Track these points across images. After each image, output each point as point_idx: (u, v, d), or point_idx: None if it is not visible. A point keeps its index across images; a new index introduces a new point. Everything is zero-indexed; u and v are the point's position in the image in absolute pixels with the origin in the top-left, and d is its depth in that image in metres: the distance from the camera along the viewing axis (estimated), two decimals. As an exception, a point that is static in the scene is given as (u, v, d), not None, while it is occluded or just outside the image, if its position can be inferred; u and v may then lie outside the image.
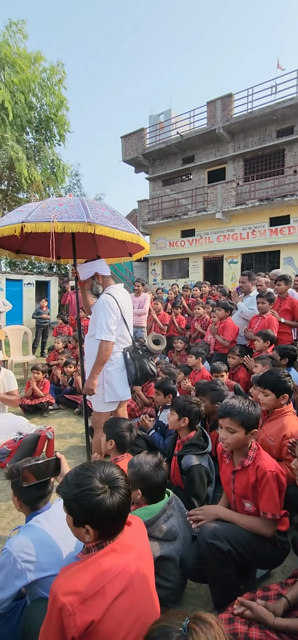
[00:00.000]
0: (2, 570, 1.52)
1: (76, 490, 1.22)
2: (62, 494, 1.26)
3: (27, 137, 15.52)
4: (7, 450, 3.48)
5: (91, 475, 1.24)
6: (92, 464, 1.31)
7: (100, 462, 1.32)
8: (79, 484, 1.23)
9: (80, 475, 1.25)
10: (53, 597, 1.12)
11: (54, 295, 16.99)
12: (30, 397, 5.02)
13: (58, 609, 1.10)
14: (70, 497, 1.23)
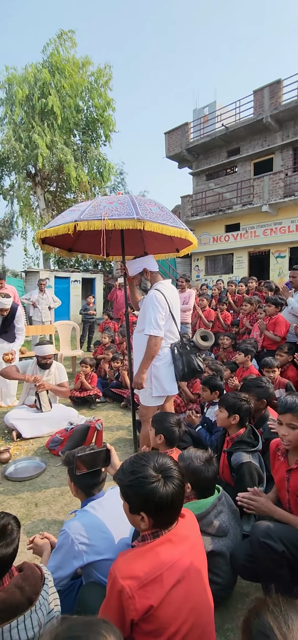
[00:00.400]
0: (60, 550, 1.62)
1: (131, 477, 1.27)
2: (119, 480, 1.32)
3: (75, 139, 16.15)
4: (60, 439, 3.66)
5: (145, 464, 1.28)
6: (146, 453, 1.35)
7: (154, 452, 1.36)
8: (134, 471, 1.28)
9: (135, 464, 1.30)
10: (112, 580, 1.17)
11: (99, 292, 17.44)
12: (79, 389, 5.22)
13: (117, 592, 1.14)
14: (126, 483, 1.29)
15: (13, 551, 1.28)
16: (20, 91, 13.79)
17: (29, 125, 14.30)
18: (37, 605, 1.28)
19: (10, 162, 14.76)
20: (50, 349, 4.35)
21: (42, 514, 2.70)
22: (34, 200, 16.43)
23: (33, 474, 3.26)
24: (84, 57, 15.32)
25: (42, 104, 14.00)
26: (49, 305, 8.58)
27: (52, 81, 14.34)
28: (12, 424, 4.05)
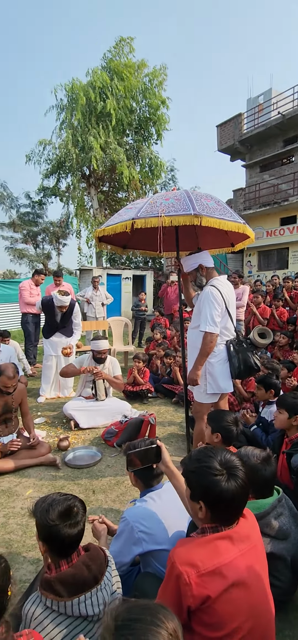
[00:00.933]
0: (121, 536, 1.69)
1: (196, 464, 1.31)
2: (184, 464, 1.36)
3: (127, 139, 16.52)
4: (114, 430, 3.79)
5: (212, 456, 1.31)
6: (216, 448, 1.37)
7: (223, 449, 1.36)
8: (199, 459, 1.31)
9: (202, 453, 1.34)
10: (171, 564, 1.20)
11: (150, 289, 17.63)
12: (132, 384, 5.34)
13: (176, 576, 1.16)
14: (190, 468, 1.32)
15: (79, 531, 1.36)
16: (82, 97, 14.44)
17: (86, 129, 14.89)
18: (102, 585, 1.35)
19: (67, 165, 15.49)
20: (105, 344, 4.50)
21: (99, 501, 2.82)
22: (87, 200, 17.06)
23: (90, 462, 3.42)
24: (139, 60, 15.73)
25: (100, 106, 14.55)
26: (102, 301, 8.87)
27: (109, 85, 14.88)
28: (70, 414, 4.27)
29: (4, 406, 3.36)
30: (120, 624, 0.82)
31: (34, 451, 3.38)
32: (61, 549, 1.34)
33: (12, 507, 2.73)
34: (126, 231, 2.76)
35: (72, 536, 1.33)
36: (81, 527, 1.36)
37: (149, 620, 0.80)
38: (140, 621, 0.81)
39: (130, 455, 1.78)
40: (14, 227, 19.33)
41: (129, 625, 0.81)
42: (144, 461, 1.80)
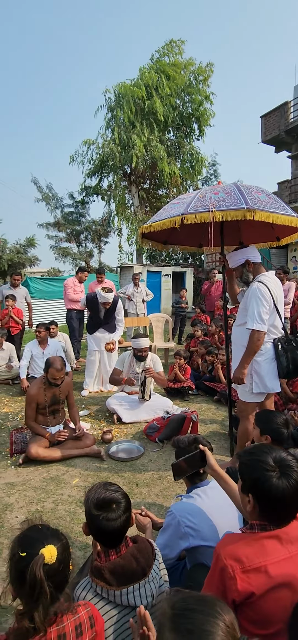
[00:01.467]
0: (167, 530, 1.70)
1: (249, 456, 1.31)
2: (238, 456, 1.37)
3: (169, 136, 16.55)
4: (157, 426, 3.82)
5: (267, 452, 1.29)
6: (272, 446, 1.35)
7: (279, 447, 1.33)
8: (253, 452, 1.31)
9: (257, 447, 1.34)
10: (217, 557, 1.20)
11: (190, 285, 17.50)
12: (173, 380, 5.35)
13: (220, 569, 1.17)
14: (243, 460, 1.33)
15: (121, 524, 1.38)
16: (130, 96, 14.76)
17: (130, 127, 15.12)
18: (150, 577, 1.37)
19: (109, 164, 15.81)
20: (146, 342, 4.52)
21: (143, 495, 2.86)
22: (128, 198, 17.27)
23: (133, 456, 3.47)
24: (187, 59, 15.79)
25: (148, 105, 14.79)
26: (142, 298, 8.96)
27: (157, 84, 15.13)
28: (113, 408, 4.37)
29: (52, 398, 3.52)
30: (178, 612, 0.83)
31: (79, 442, 3.50)
32: (105, 540, 1.38)
33: (61, 494, 2.86)
34: (175, 227, 2.73)
35: (114, 528, 1.36)
36: (123, 520, 1.38)
37: (207, 611, 0.81)
38: (197, 611, 0.82)
39: (175, 464, 1.76)
40: (59, 226, 20.05)
41: (186, 615, 0.82)
42: (190, 468, 1.78)
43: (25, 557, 1.06)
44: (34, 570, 1.02)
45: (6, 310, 6.51)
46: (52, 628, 1.08)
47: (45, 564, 1.05)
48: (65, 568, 1.13)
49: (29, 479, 3.07)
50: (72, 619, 1.12)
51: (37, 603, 1.03)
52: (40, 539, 1.11)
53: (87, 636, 1.13)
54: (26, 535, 1.14)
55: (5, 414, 4.61)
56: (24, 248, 13.13)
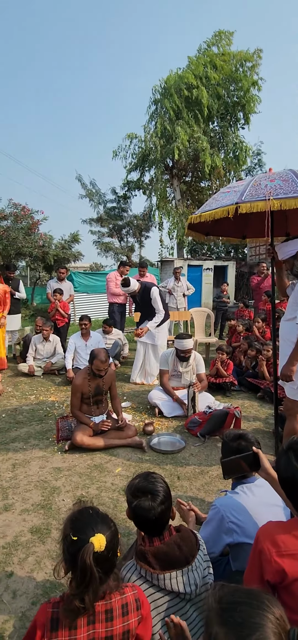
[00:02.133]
0: (210, 523, 1.69)
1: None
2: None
3: (213, 126, 16.23)
4: (198, 420, 3.79)
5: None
6: None
7: None
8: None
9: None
10: (256, 539, 1.28)
11: (231, 279, 17.10)
12: (214, 375, 5.27)
13: (258, 551, 1.24)
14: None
15: (162, 514, 1.39)
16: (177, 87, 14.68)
17: (174, 118, 15.04)
18: (194, 566, 1.37)
19: (151, 158, 15.84)
20: (190, 344, 4.40)
21: (184, 488, 2.86)
22: (170, 192, 17.19)
23: (175, 449, 3.48)
24: (236, 51, 15.43)
25: (195, 93, 14.62)
26: (183, 292, 8.91)
27: (204, 75, 14.94)
28: (154, 402, 4.40)
29: (95, 388, 3.62)
30: (226, 606, 0.83)
31: (122, 432, 3.57)
32: (143, 527, 1.40)
33: (104, 481, 2.94)
34: (224, 217, 2.65)
35: (148, 518, 1.37)
36: (159, 511, 1.38)
37: (255, 604, 0.80)
38: (246, 604, 0.81)
39: (226, 462, 1.73)
40: (101, 222, 20.50)
41: (235, 608, 0.82)
42: (241, 469, 1.73)
43: (76, 542, 1.12)
44: (84, 558, 1.08)
45: (53, 303, 6.80)
46: (100, 602, 1.14)
47: (95, 552, 1.10)
48: (113, 555, 1.18)
49: (74, 465, 3.19)
50: (119, 598, 1.18)
51: (87, 588, 1.08)
52: (91, 525, 1.16)
53: (133, 617, 1.17)
54: (78, 520, 1.19)
55: (51, 403, 4.83)
56: (68, 244, 13.54)
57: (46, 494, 2.76)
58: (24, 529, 2.36)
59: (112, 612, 1.15)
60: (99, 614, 1.14)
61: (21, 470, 3.10)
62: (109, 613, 1.14)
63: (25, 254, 11.63)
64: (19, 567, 2.04)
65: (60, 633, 1.10)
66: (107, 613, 1.14)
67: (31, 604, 1.80)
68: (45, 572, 2.01)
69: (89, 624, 1.12)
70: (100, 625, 1.13)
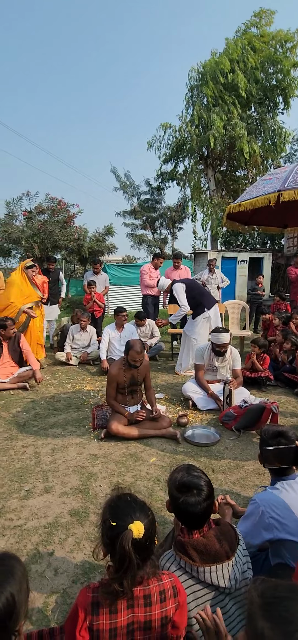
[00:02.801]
0: (250, 518, 1.67)
1: None
2: None
3: (250, 112, 15.71)
4: (233, 414, 3.74)
5: None
6: None
7: None
8: None
9: None
10: None
11: (267, 271, 16.57)
12: (250, 369, 5.16)
13: None
14: None
15: (206, 509, 1.39)
16: (214, 72, 14.37)
17: (211, 105, 14.72)
18: (233, 561, 1.36)
19: (185, 148, 15.63)
20: (226, 338, 4.27)
21: (219, 481, 2.84)
22: (204, 182, 16.91)
23: (209, 441, 3.46)
24: (276, 31, 14.85)
25: (231, 78, 14.26)
26: (217, 284, 8.77)
27: (241, 59, 14.55)
28: (188, 395, 4.39)
29: (130, 379, 3.67)
30: (269, 600, 0.82)
31: (156, 423, 3.61)
32: (186, 521, 1.40)
33: (139, 470, 3.00)
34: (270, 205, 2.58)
35: (194, 513, 1.37)
36: (204, 506, 1.38)
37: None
38: (290, 599, 0.81)
39: (269, 452, 1.71)
40: (135, 214, 20.59)
41: (278, 603, 0.81)
42: (283, 460, 1.71)
43: (115, 527, 1.16)
44: (124, 544, 1.11)
45: (89, 295, 7.01)
46: (139, 587, 1.17)
47: (134, 539, 1.12)
48: (151, 543, 1.20)
49: (110, 453, 3.27)
50: (156, 584, 1.20)
51: (126, 573, 1.12)
52: (129, 512, 1.19)
53: (170, 604, 1.19)
54: (117, 506, 1.23)
55: (87, 392, 4.97)
56: (102, 236, 13.75)
57: (84, 479, 2.86)
58: (63, 511, 2.47)
59: (150, 598, 1.17)
60: (138, 598, 1.17)
61: (60, 455, 3.23)
62: (148, 598, 1.17)
63: (61, 247, 11.94)
64: (60, 547, 2.14)
65: (101, 617, 1.14)
66: (145, 598, 1.17)
67: (72, 582, 1.89)
68: (84, 553, 2.10)
69: (129, 608, 1.16)
70: (139, 610, 1.16)
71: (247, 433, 3.65)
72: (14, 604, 0.92)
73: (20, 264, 6.01)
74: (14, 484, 2.78)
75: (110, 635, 1.14)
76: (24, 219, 11.69)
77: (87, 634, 1.14)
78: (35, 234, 11.17)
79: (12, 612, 0.91)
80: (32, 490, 2.70)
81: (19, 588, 0.95)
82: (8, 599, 0.91)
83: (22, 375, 5.08)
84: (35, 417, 4.07)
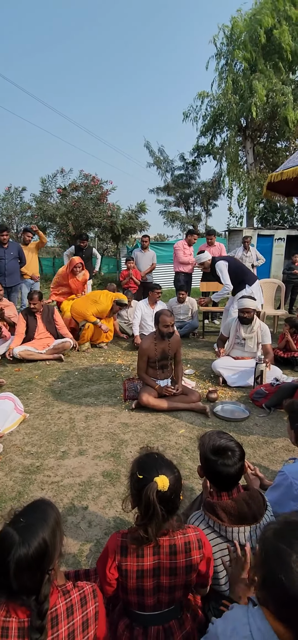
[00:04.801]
0: (278, 489, 1.70)
1: None
2: None
3: (294, 76, 14.51)
4: (264, 392, 3.72)
5: None
6: None
7: None
8: None
9: None
10: None
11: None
12: (283, 349, 5.06)
13: None
14: None
15: (235, 472, 1.44)
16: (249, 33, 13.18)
17: (249, 72, 13.76)
18: (262, 524, 1.41)
19: (224, 119, 14.95)
20: (250, 303, 4.30)
21: (247, 455, 2.85)
22: (242, 155, 16.24)
23: (238, 417, 3.48)
24: None
25: (274, 38, 12.89)
26: (252, 262, 8.55)
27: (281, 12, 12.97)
28: (218, 371, 4.41)
29: (161, 353, 3.74)
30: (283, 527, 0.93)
31: (186, 397, 3.67)
32: (221, 483, 1.45)
33: (168, 440, 3.09)
34: None
35: (228, 475, 1.42)
36: (237, 468, 1.44)
37: None
38: None
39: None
40: (168, 190, 20.29)
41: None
42: None
43: (142, 480, 1.24)
44: (148, 494, 1.19)
45: (127, 271, 7.15)
46: (165, 538, 1.26)
47: (158, 490, 1.20)
48: (176, 497, 1.27)
49: (140, 422, 3.39)
50: (181, 536, 1.28)
51: (150, 520, 1.20)
52: (155, 467, 1.26)
53: (195, 554, 1.27)
54: (144, 461, 1.31)
55: (119, 365, 5.12)
56: (135, 214, 13.72)
57: (115, 444, 3.00)
58: (96, 472, 2.62)
59: (175, 548, 1.25)
60: (164, 547, 1.25)
61: (93, 422, 3.39)
62: (173, 548, 1.25)
63: (95, 224, 12.07)
64: (93, 503, 2.29)
65: (129, 559, 1.24)
66: (170, 547, 1.25)
67: (104, 534, 2.03)
68: (115, 510, 2.23)
69: (154, 554, 1.25)
70: (164, 557, 1.25)
71: (277, 411, 3.62)
72: (46, 548, 1.01)
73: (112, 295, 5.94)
74: (51, 445, 2.98)
75: (138, 575, 1.24)
76: (59, 196, 11.90)
77: (116, 572, 1.25)
78: (69, 211, 11.36)
79: (44, 554, 1.01)
80: (67, 451, 2.88)
81: (51, 532, 1.04)
82: (40, 543, 1.00)
83: (57, 347, 5.31)
84: (69, 387, 4.27)
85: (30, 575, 0.98)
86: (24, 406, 3.61)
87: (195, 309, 6.71)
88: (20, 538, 0.98)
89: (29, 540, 0.98)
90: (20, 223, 14.15)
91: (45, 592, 1.00)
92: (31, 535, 1.00)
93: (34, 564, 0.98)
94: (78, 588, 1.11)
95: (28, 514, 1.06)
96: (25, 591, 0.99)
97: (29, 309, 5.29)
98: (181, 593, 1.30)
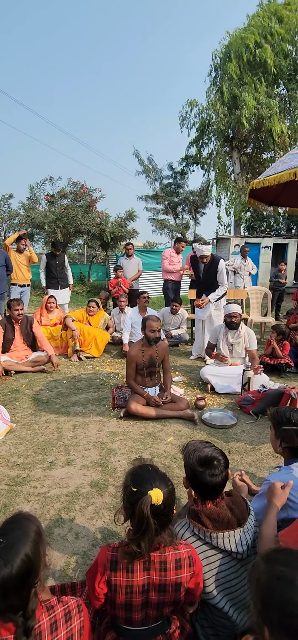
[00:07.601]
0: (263, 496, 1.70)
1: None
2: None
3: (278, 90, 14.98)
4: (251, 398, 3.76)
5: None
6: None
7: None
8: None
9: None
10: None
11: (292, 258, 16.14)
12: (269, 355, 5.13)
13: None
14: None
15: (220, 482, 1.44)
16: (238, 49, 13.77)
17: (238, 83, 14.19)
18: (245, 529, 1.42)
19: (211, 129, 15.22)
20: (235, 307, 4.44)
21: (235, 462, 2.89)
22: (229, 165, 16.52)
23: (226, 424, 3.50)
24: None
25: (258, 54, 13.61)
26: (249, 271, 8.71)
27: (267, 30, 13.78)
28: (206, 378, 4.43)
29: (149, 360, 3.74)
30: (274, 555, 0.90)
31: (174, 404, 3.68)
32: (206, 492, 1.46)
33: (157, 448, 3.08)
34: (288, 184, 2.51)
35: (217, 483, 1.43)
36: (224, 475, 1.45)
37: None
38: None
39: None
40: (157, 198, 20.45)
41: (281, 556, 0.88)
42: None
43: (135, 492, 1.23)
44: (142, 508, 1.18)
45: (115, 280, 7.12)
46: (156, 553, 1.24)
47: (152, 504, 1.19)
48: (169, 511, 1.27)
49: (129, 431, 3.38)
50: (173, 552, 1.27)
51: (143, 535, 1.19)
52: (149, 480, 1.26)
53: (185, 572, 1.26)
54: (138, 473, 1.30)
55: (107, 373, 5.09)
56: (124, 221, 13.77)
57: (103, 453, 2.97)
58: (84, 482, 2.60)
59: (166, 564, 1.24)
60: (154, 563, 1.24)
61: (81, 431, 3.36)
62: (163, 564, 1.24)
63: (84, 231, 12.07)
64: (80, 514, 2.26)
65: (118, 573, 1.23)
66: (161, 564, 1.24)
67: (91, 546, 2.01)
68: (103, 520, 2.21)
69: (145, 570, 1.23)
70: (155, 573, 1.23)
71: (264, 417, 3.66)
72: (29, 563, 0.99)
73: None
74: (38, 455, 2.94)
75: (127, 591, 1.22)
76: (47, 203, 11.87)
77: (105, 587, 1.23)
78: (58, 219, 11.33)
79: (29, 570, 0.99)
80: (54, 462, 2.85)
81: (33, 546, 1.02)
82: (23, 560, 0.98)
83: (38, 360, 5.11)
84: (57, 395, 4.23)
85: (17, 594, 0.97)
86: (11, 416, 3.56)
87: (185, 318, 6.73)
88: (1, 560, 0.96)
89: (11, 560, 0.96)
90: (8, 230, 14.03)
91: (33, 606, 0.98)
92: (14, 554, 0.98)
93: (19, 582, 0.96)
94: (62, 603, 1.09)
95: (7, 532, 1.04)
96: (12, 610, 0.97)
97: (9, 318, 5.04)
98: (169, 609, 1.29)
